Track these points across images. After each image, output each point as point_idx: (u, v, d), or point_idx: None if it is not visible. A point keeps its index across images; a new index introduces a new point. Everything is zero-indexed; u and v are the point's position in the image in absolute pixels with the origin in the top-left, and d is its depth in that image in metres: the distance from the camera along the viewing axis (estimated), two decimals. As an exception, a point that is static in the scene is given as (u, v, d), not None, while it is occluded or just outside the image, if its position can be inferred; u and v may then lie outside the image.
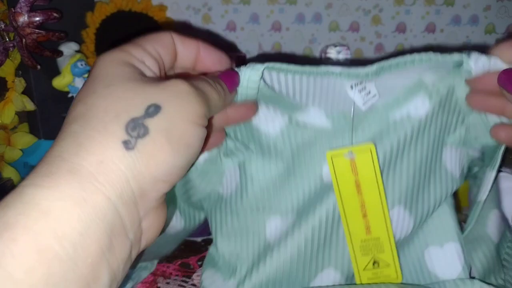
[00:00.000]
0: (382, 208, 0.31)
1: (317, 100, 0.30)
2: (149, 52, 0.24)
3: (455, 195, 0.35)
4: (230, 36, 0.69)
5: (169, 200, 0.34)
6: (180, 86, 0.22)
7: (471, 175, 0.35)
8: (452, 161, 0.32)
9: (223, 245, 0.34)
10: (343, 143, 0.31)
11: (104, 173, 0.19)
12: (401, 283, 0.34)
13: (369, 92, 0.29)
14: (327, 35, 0.68)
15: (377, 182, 0.30)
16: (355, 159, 0.30)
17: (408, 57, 0.28)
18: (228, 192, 0.34)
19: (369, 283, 0.32)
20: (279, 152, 0.32)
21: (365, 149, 0.30)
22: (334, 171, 0.30)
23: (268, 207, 0.33)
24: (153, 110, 0.21)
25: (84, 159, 0.19)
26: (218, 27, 0.68)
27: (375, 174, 0.30)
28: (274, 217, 0.33)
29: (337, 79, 0.28)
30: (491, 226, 0.34)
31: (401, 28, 0.68)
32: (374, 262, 0.32)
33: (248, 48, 0.69)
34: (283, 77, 0.29)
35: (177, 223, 0.36)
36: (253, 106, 0.31)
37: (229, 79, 0.27)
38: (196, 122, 0.22)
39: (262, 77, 0.28)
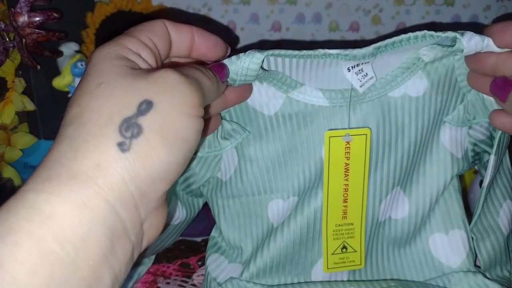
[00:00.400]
0: (362, 195, 0.31)
1: (313, 79, 0.30)
2: (144, 42, 0.24)
3: (463, 191, 0.34)
4: (230, 36, 0.69)
5: (171, 192, 0.34)
6: (171, 77, 0.21)
7: (482, 165, 0.35)
8: (452, 140, 0.32)
9: (227, 229, 0.35)
10: (341, 122, 0.31)
11: (102, 176, 0.19)
12: (406, 280, 0.34)
13: (366, 74, 0.29)
14: (327, 35, 0.68)
15: (364, 169, 0.31)
16: (350, 142, 0.30)
17: (404, 36, 0.28)
18: (227, 176, 0.34)
19: (334, 268, 0.33)
20: (276, 132, 0.32)
21: (362, 134, 0.30)
22: (329, 152, 0.30)
23: (269, 189, 0.33)
24: (145, 107, 0.20)
25: (82, 164, 0.19)
26: (218, 27, 0.68)
27: (365, 160, 0.30)
28: (276, 199, 0.33)
29: (333, 60, 0.28)
30: (503, 217, 0.34)
31: (401, 28, 0.67)
32: (343, 247, 0.32)
33: (248, 48, 0.69)
34: (280, 60, 0.29)
35: (180, 214, 0.36)
36: (248, 87, 0.30)
37: (218, 70, 0.26)
38: (191, 113, 0.22)
39: (261, 65, 0.28)
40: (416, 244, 0.34)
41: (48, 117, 0.56)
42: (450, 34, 0.27)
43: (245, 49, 0.71)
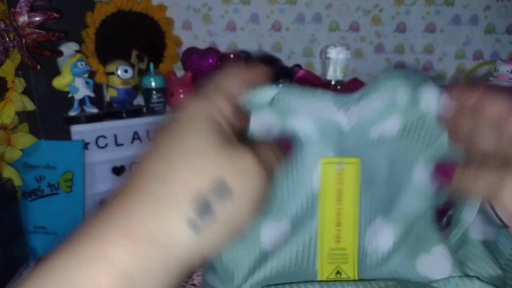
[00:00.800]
0: (354, 220, 0.33)
1: (307, 111, 0.32)
2: (231, 100, 0.25)
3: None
4: (230, 36, 0.69)
5: None
6: (250, 163, 0.22)
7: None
8: (426, 178, 0.34)
9: (221, 253, 0.35)
10: (328, 154, 0.32)
11: (174, 247, 0.21)
12: (404, 280, 0.34)
13: (352, 114, 0.32)
14: (327, 35, 0.68)
15: (356, 195, 0.32)
16: (343, 169, 0.32)
17: (382, 82, 0.31)
18: None
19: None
20: None
21: (353, 163, 0.32)
22: (324, 178, 0.32)
23: (263, 213, 0.33)
24: (223, 191, 0.21)
25: (157, 228, 0.20)
26: (218, 27, 0.68)
27: (356, 187, 0.32)
28: (270, 223, 0.33)
29: (325, 101, 0.31)
30: (474, 231, 0.35)
31: (401, 28, 0.68)
32: (337, 272, 0.33)
33: (248, 48, 0.69)
34: (280, 88, 0.31)
35: None
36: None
37: (287, 146, 0.29)
38: (259, 201, 0.23)
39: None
40: (403, 268, 0.35)
41: (48, 117, 0.56)
42: (413, 82, 0.31)
43: (245, 49, 0.71)
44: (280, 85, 0.30)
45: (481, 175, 0.27)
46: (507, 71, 0.62)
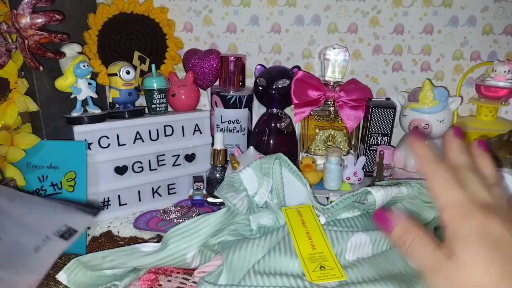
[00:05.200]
0: (321, 234, 0.44)
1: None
2: None
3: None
4: (230, 38, 0.69)
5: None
6: None
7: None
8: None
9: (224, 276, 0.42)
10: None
11: None
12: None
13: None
14: (326, 36, 0.69)
15: (316, 220, 0.46)
16: (300, 210, 0.49)
17: (349, 199, 0.47)
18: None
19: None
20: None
21: (307, 207, 0.48)
22: (287, 216, 0.47)
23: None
24: None
25: None
26: (218, 28, 0.69)
27: (314, 217, 0.47)
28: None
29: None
30: None
31: (399, 30, 0.68)
32: (321, 267, 0.40)
33: (248, 49, 0.70)
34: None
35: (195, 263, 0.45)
36: None
37: None
38: None
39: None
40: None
41: (51, 117, 0.56)
42: (364, 190, 0.47)
43: (245, 51, 0.71)
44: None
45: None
46: (505, 71, 0.63)
